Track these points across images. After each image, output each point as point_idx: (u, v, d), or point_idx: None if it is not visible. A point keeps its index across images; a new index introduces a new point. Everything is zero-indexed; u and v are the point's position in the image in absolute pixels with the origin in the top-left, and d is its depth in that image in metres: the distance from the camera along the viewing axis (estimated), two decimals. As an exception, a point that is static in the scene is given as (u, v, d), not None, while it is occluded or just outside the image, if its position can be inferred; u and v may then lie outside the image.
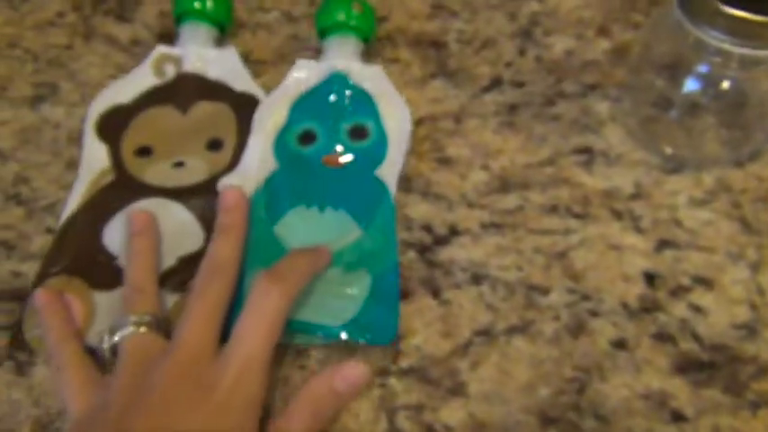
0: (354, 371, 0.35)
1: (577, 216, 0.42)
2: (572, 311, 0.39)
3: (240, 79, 0.48)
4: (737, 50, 0.37)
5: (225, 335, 0.36)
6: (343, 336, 0.38)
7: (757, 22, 0.35)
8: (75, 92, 0.50)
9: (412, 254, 0.42)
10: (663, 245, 0.41)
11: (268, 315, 0.35)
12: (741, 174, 0.43)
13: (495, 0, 0.53)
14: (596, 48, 0.50)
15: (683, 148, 0.44)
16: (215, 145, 0.45)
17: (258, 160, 0.44)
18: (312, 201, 0.43)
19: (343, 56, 0.47)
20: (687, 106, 0.42)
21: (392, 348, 0.38)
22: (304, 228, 0.42)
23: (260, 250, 0.40)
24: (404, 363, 0.38)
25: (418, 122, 0.47)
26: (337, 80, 0.46)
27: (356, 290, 0.40)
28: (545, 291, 0.40)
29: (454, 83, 0.49)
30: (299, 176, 0.44)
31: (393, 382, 0.37)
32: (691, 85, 0.40)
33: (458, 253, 0.41)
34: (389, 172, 0.44)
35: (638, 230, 0.42)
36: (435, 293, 0.40)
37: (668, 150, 0.44)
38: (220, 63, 0.48)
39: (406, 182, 0.44)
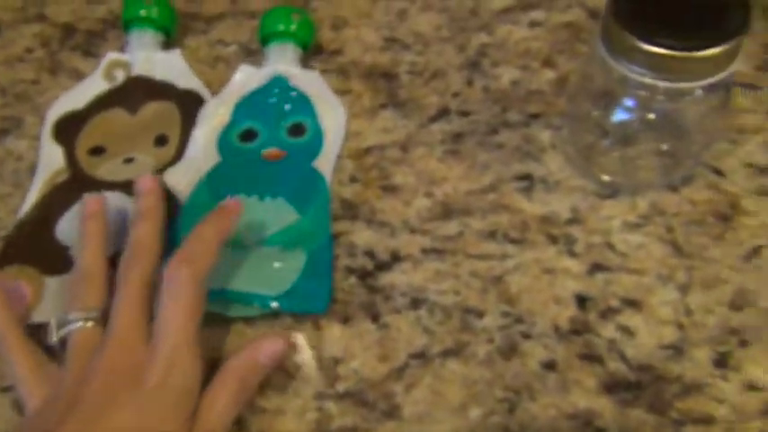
0: (276, 346, 0.37)
1: (515, 241, 0.44)
2: (505, 334, 0.40)
3: (184, 78, 0.52)
4: (659, 84, 0.38)
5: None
6: (278, 305, 0.41)
7: (675, 56, 0.36)
8: (39, 125, 0.51)
9: (353, 279, 0.43)
10: (595, 268, 0.42)
11: (183, 300, 0.35)
12: (675, 198, 0.45)
13: (445, 33, 0.55)
14: (541, 78, 0.52)
15: (619, 175, 0.45)
16: (161, 140, 0.49)
17: (201, 153, 0.48)
18: (252, 190, 0.46)
19: (283, 61, 0.51)
20: (620, 135, 0.43)
21: (330, 372, 0.39)
22: (243, 215, 0.44)
23: None
24: (341, 386, 0.39)
25: (366, 152, 0.49)
26: (278, 83, 0.50)
27: (292, 264, 0.43)
28: (480, 314, 0.41)
29: (403, 113, 0.50)
30: (240, 169, 0.47)
31: (330, 405, 0.39)
32: (621, 116, 0.41)
33: (398, 278, 0.43)
34: (326, 163, 0.47)
35: (572, 254, 0.43)
36: (375, 318, 0.41)
37: (604, 177, 0.45)
38: (166, 64, 0.52)
39: (352, 209, 0.46)
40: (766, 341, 0.39)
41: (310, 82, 0.51)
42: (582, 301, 0.41)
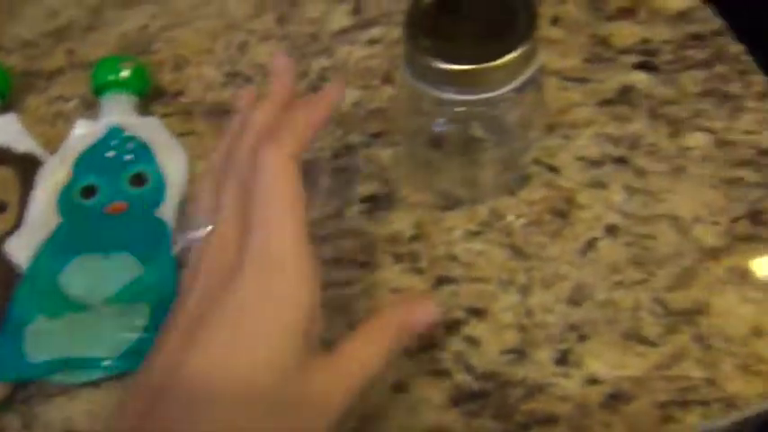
0: (430, 308, 0.33)
1: (362, 265, 0.44)
2: (354, 360, 0.40)
3: (21, 141, 0.51)
4: (465, 98, 0.38)
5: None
6: (120, 366, 0.40)
7: (472, 70, 0.37)
8: None
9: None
10: (440, 281, 0.43)
11: (280, 184, 0.29)
12: (513, 201, 0.45)
13: (286, 61, 0.54)
14: (382, 95, 0.52)
15: (457, 186, 0.46)
16: (0, 208, 0.47)
17: (42, 217, 0.47)
18: (96, 248, 0.45)
19: (118, 111, 0.50)
20: (450, 146, 0.44)
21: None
22: (87, 274, 0.44)
23: (44, 300, 0.43)
24: None
25: (211, 193, 0.48)
26: (115, 134, 0.50)
27: (134, 321, 0.42)
28: (328, 345, 0.41)
29: (247, 148, 0.50)
30: (83, 227, 0.46)
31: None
32: (445, 128, 0.41)
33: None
34: (169, 210, 0.47)
35: (417, 271, 0.43)
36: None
37: (444, 189, 0.46)
38: (2, 129, 0.51)
39: (197, 254, 0.45)
40: (603, 333, 0.40)
41: (149, 129, 0.50)
42: (428, 316, 0.41)
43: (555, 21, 0.54)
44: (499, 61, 0.36)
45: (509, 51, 0.36)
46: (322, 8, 0.58)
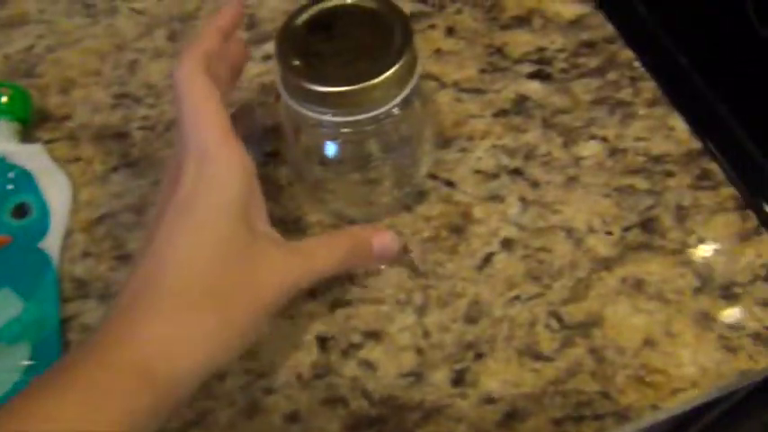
0: (392, 241, 0.39)
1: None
2: (247, 393, 0.39)
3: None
4: (346, 119, 0.37)
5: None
6: None
7: (349, 91, 0.36)
8: None
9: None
10: (336, 304, 0.41)
11: (192, 94, 0.34)
12: (410, 217, 0.44)
13: (178, 80, 0.52)
14: (278, 113, 0.50)
15: (352, 205, 0.45)
16: None
17: None
18: None
19: None
20: (342, 165, 0.42)
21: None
22: None
23: None
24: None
25: (98, 221, 0.46)
26: None
27: (14, 360, 0.40)
28: (221, 377, 0.39)
29: (137, 172, 0.48)
30: None
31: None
32: (330, 150, 0.40)
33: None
34: (53, 242, 0.45)
35: (313, 294, 0.42)
36: (110, 402, 0.39)
37: (339, 208, 0.44)
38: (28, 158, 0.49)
39: (84, 288, 0.43)
40: (500, 350, 0.39)
41: (31, 156, 0.48)
42: (323, 342, 0.40)
43: (450, 31, 0.53)
44: (373, 81, 0.35)
45: (384, 70, 0.35)
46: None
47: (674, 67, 0.49)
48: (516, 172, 0.46)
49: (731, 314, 0.39)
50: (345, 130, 0.38)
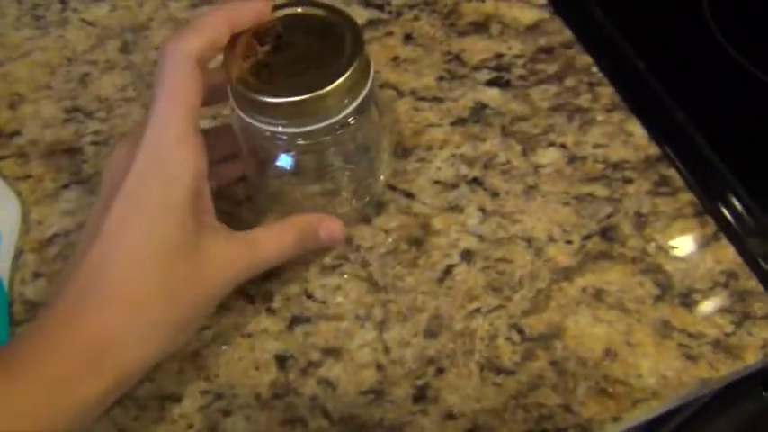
0: (338, 229, 0.39)
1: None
2: (205, 415, 0.38)
3: None
4: (299, 130, 0.36)
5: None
6: None
7: (302, 101, 0.34)
8: None
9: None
10: (295, 321, 0.41)
11: (168, 80, 0.32)
12: (369, 230, 0.43)
13: (131, 92, 0.51)
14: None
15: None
16: None
17: None
18: None
19: None
20: (299, 176, 0.41)
21: None
22: None
23: None
24: None
25: (50, 241, 0.44)
26: None
27: None
28: (178, 398, 0.38)
29: (89, 189, 0.47)
30: None
31: None
32: (285, 162, 0.39)
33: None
34: (2, 264, 0.43)
35: (271, 312, 0.41)
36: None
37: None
38: None
39: (34, 309, 0.42)
40: (461, 364, 0.38)
41: (-20, 176, 0.46)
42: (282, 360, 0.39)
43: (408, 38, 0.53)
44: (325, 89, 0.34)
45: (335, 78, 0.34)
46: (167, 34, 0.54)
47: (631, 72, 0.49)
48: (475, 181, 0.45)
49: (691, 322, 0.39)
50: (300, 141, 0.37)
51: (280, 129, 0.36)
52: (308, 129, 0.36)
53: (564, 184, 0.44)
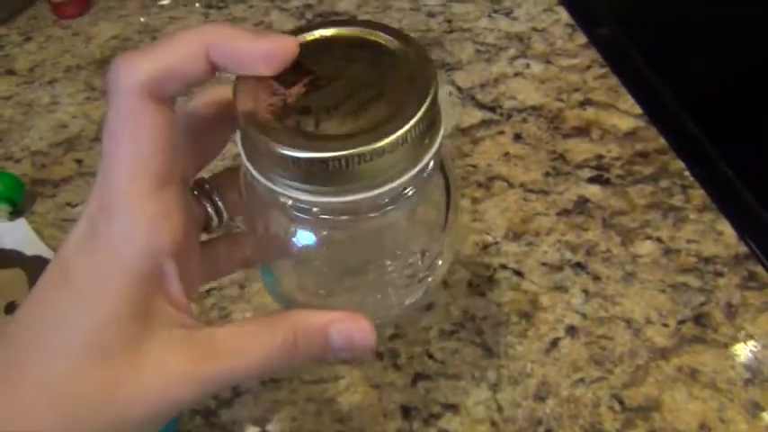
0: (363, 331, 0.25)
1: (345, 362, 0.46)
2: (339, 454, 0.42)
3: (31, 244, 0.53)
4: (319, 200, 0.24)
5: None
6: None
7: (329, 158, 0.22)
8: None
9: (198, 420, 0.44)
10: (417, 378, 0.45)
11: (110, 112, 0.22)
12: (483, 301, 0.48)
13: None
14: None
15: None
16: (11, 308, 0.49)
17: None
18: None
19: None
20: (324, 267, 0.30)
21: None
22: None
23: None
24: None
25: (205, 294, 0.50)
26: None
27: None
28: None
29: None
30: None
31: None
32: (306, 240, 0.27)
33: (240, 413, 0.44)
34: None
35: (397, 367, 0.45)
36: (218, 455, 0.42)
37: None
38: (12, 234, 0.53)
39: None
40: (567, 427, 0.42)
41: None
42: (407, 411, 0.43)
43: (518, 137, 0.58)
44: (375, 145, 0.22)
45: (389, 132, 0.22)
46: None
47: (720, 177, 0.53)
48: (579, 266, 0.49)
49: (780, 405, 0.41)
50: (326, 216, 0.25)
51: (303, 196, 0.23)
52: (345, 199, 0.23)
53: (660, 273, 0.48)
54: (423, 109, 0.23)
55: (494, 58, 0.66)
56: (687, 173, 0.54)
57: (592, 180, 0.54)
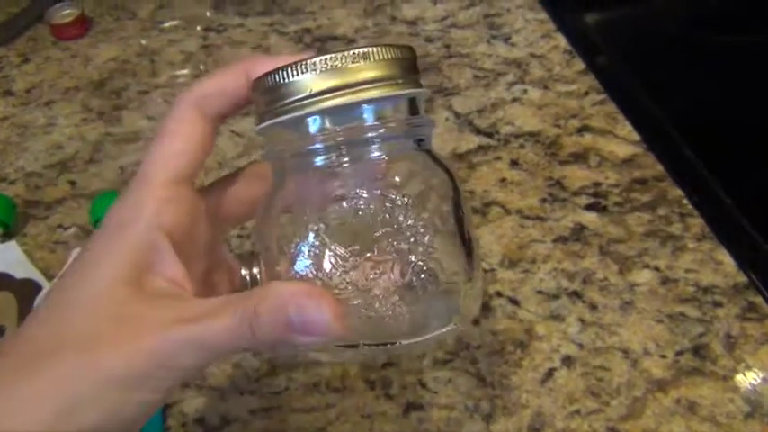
0: (318, 314, 0.23)
1: (336, 390, 0.45)
2: (327, 485, 0.40)
3: (21, 268, 0.52)
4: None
5: None
6: None
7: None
8: None
9: (184, 449, 0.42)
10: (409, 407, 0.43)
11: (167, 123, 0.28)
12: (477, 330, 0.47)
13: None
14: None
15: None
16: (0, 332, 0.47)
17: None
18: None
19: None
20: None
21: None
22: None
23: None
24: None
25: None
26: None
27: None
28: None
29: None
30: None
31: None
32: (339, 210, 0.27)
33: (227, 442, 0.43)
34: None
35: (389, 397, 0.44)
36: (203, 486, 0.41)
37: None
38: (3, 257, 0.52)
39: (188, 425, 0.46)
40: (561, 460, 0.40)
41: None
42: (398, 442, 0.42)
43: (514, 163, 0.57)
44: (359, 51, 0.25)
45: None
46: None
47: (719, 206, 0.52)
48: (575, 294, 0.48)
49: (781, 440, 0.40)
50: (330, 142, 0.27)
51: (318, 107, 0.25)
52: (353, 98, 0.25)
53: (658, 303, 0.47)
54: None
55: (492, 84, 0.65)
56: (686, 201, 0.53)
57: (589, 207, 0.53)
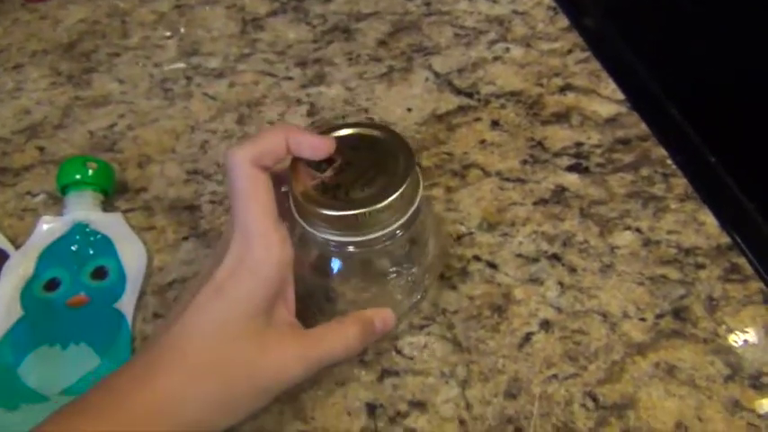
0: (390, 317, 0.41)
1: (310, 358, 0.43)
2: (299, 454, 0.40)
3: None
4: (346, 239, 0.38)
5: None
6: None
7: (351, 215, 0.36)
8: None
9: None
10: (384, 374, 0.43)
11: (234, 183, 0.35)
12: (454, 295, 0.46)
13: (245, 159, 0.55)
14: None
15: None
16: None
17: (4, 311, 0.46)
18: (55, 340, 0.44)
19: (82, 208, 0.50)
20: (348, 280, 0.43)
21: None
22: (46, 365, 0.44)
23: (1, 392, 0.42)
24: None
25: (169, 285, 0.48)
26: (79, 229, 0.50)
27: None
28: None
29: (205, 242, 0.50)
30: (43, 320, 0.45)
31: None
32: (336, 265, 0.42)
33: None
34: (128, 303, 0.47)
35: (363, 364, 0.43)
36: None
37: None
38: None
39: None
40: (538, 425, 0.40)
41: (112, 224, 0.50)
42: (372, 409, 0.41)
43: (495, 124, 0.56)
44: (378, 205, 0.36)
45: (387, 195, 0.36)
46: (280, 109, 0.59)
47: (703, 165, 0.51)
48: (555, 257, 0.47)
49: (761, 404, 0.39)
50: (351, 249, 0.39)
51: (334, 238, 0.38)
52: (361, 239, 0.38)
53: (639, 265, 0.46)
54: (406, 183, 0.37)
55: (473, 42, 0.63)
56: (669, 161, 0.52)
57: (570, 168, 0.52)
